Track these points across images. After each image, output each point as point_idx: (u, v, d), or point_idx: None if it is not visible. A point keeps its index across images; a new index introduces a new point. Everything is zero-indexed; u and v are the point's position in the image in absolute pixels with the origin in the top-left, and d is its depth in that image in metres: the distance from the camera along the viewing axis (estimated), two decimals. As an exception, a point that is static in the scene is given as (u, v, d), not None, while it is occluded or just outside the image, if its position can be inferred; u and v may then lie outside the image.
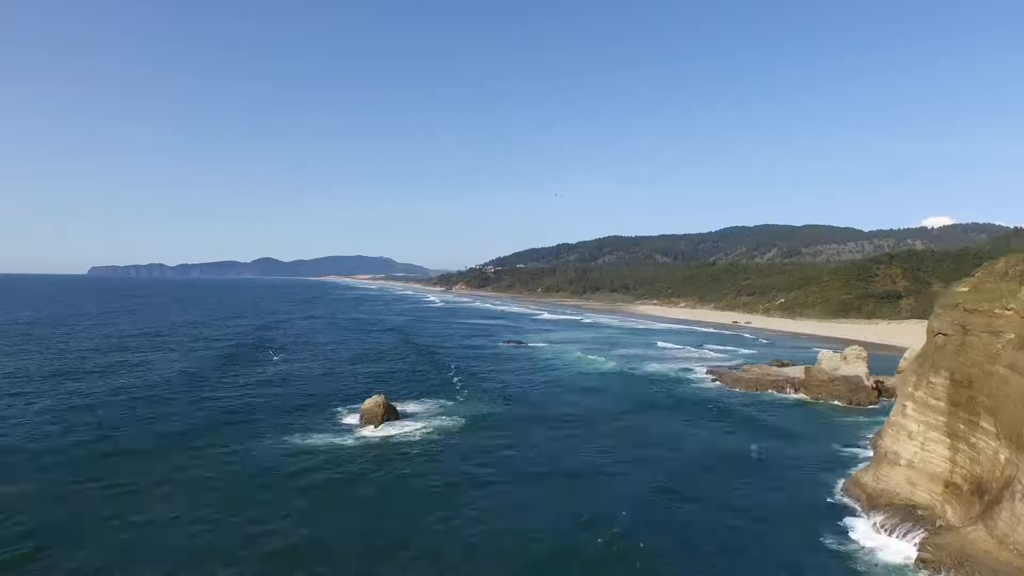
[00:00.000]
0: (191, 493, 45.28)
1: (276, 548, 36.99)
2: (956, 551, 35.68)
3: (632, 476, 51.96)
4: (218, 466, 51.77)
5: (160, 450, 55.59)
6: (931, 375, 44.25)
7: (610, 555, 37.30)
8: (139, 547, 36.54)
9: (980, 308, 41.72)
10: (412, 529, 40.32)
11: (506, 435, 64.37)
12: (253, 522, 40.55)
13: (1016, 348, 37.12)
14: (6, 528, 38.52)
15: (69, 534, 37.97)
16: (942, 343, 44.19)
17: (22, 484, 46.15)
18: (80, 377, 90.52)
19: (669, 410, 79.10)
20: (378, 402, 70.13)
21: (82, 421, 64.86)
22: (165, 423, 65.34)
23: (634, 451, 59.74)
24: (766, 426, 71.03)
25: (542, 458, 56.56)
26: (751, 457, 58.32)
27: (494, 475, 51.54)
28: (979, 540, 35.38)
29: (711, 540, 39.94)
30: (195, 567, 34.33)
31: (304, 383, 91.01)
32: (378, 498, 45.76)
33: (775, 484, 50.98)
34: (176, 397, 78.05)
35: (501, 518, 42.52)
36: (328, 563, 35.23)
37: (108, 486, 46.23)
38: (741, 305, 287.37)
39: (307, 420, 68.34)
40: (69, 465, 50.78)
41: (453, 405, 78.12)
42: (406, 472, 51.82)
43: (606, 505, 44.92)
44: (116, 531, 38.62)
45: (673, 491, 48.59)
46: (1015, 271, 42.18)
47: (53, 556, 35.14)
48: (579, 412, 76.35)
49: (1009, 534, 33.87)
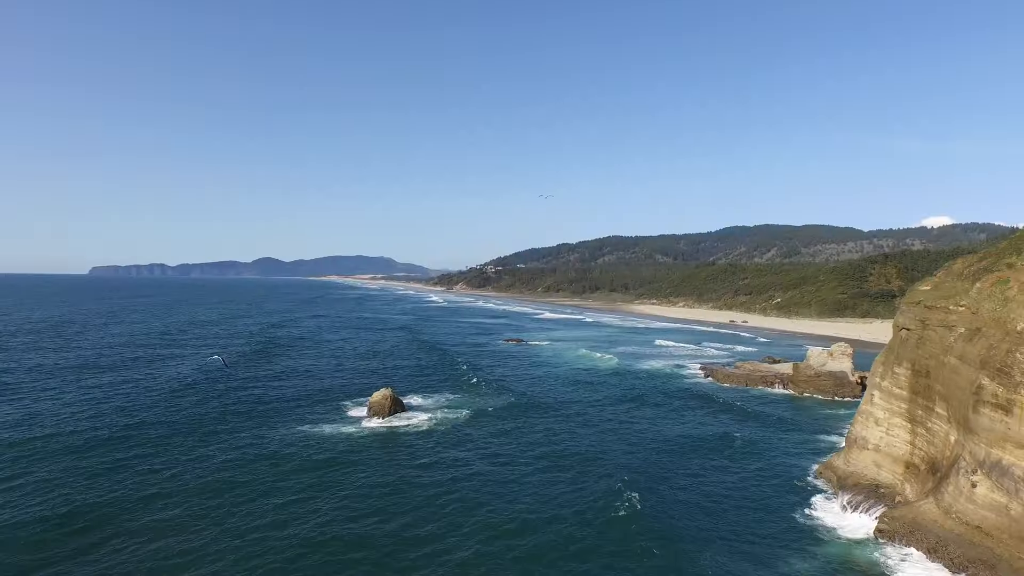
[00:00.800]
0: (211, 475, 49.26)
1: (284, 521, 41.07)
2: (909, 522, 39.80)
3: (622, 459, 55.95)
4: (235, 451, 55.81)
5: (178, 436, 59.65)
6: (895, 366, 48.31)
7: (600, 521, 41.36)
8: (163, 520, 40.63)
9: (938, 305, 45.77)
10: (413, 506, 44.36)
11: (506, 425, 68.41)
12: (264, 498, 44.60)
13: (965, 341, 41.15)
14: (50, 504, 42.62)
15: (104, 508, 42.07)
16: (905, 337, 48.25)
17: (60, 464, 50.24)
18: (100, 373, 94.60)
19: (660, 402, 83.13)
20: (385, 395, 74.18)
21: (108, 412, 68.93)
22: (183, 413, 69.40)
23: (625, 437, 63.83)
24: (751, 417, 75.07)
25: (539, 445, 60.58)
26: (734, 445, 62.35)
27: (494, 460, 55.56)
28: (929, 512, 39.48)
29: (689, 513, 43.96)
30: (212, 535, 38.40)
31: (315, 378, 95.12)
32: (383, 480, 49.79)
33: (754, 468, 55.05)
34: (194, 390, 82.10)
35: (498, 497, 46.54)
36: (329, 537, 39.24)
37: (137, 467, 50.30)
38: (738, 304, 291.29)
39: (319, 411, 72.44)
40: (99, 448, 54.83)
41: (457, 398, 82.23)
42: (410, 457, 55.86)
43: (597, 482, 48.96)
44: (145, 504, 42.71)
45: (658, 472, 52.62)
46: (969, 271, 46.25)
47: (91, 529, 39.20)
48: (576, 404, 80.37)
49: (953, 505, 37.95)
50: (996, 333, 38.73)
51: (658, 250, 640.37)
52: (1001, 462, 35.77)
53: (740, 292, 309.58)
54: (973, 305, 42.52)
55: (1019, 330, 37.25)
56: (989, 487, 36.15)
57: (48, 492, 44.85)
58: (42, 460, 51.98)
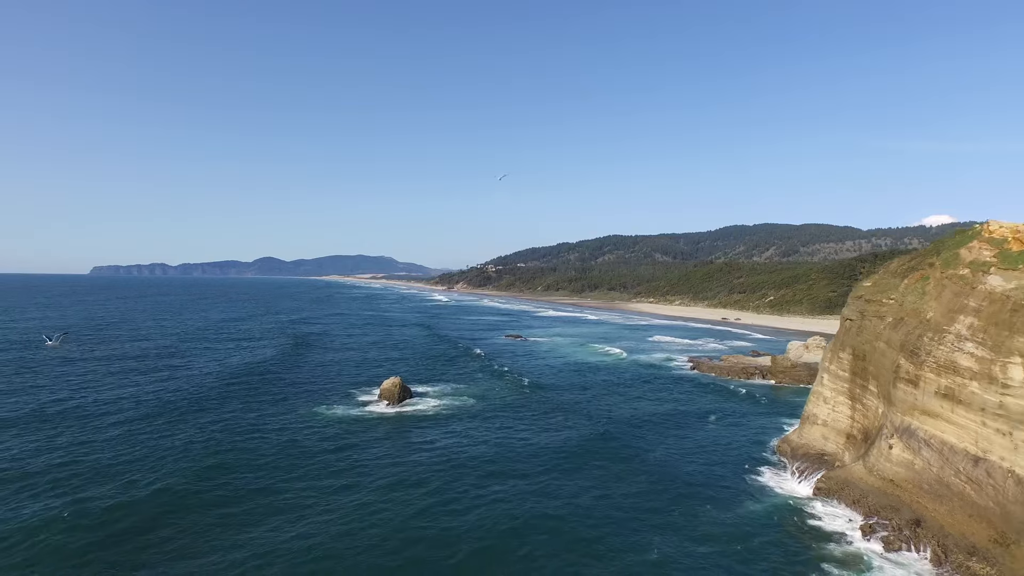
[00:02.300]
0: (240, 451, 56.66)
1: (300, 489, 48.50)
2: (840, 481, 47.27)
3: (608, 431, 63.34)
4: (261, 428, 63.28)
5: (200, 414, 67.19)
6: (840, 352, 55.69)
7: (587, 477, 48.79)
8: (201, 477, 48.12)
9: (874, 299, 53.17)
10: (415, 479, 51.74)
11: (505, 411, 75.73)
12: (281, 470, 51.95)
13: (891, 328, 48.55)
14: (114, 467, 50.13)
15: (158, 466, 49.53)
16: (848, 326, 55.63)
17: (114, 432, 57.71)
18: (147, 370, 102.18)
19: (646, 388, 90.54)
20: (395, 383, 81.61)
21: (154, 404, 76.50)
22: (216, 400, 76.92)
23: (610, 413, 71.17)
24: (728, 402, 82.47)
25: (535, 426, 67.98)
26: (707, 423, 69.81)
27: (491, 439, 62.95)
28: (857, 472, 46.93)
29: (657, 481, 51.35)
30: (236, 495, 45.88)
31: (333, 367, 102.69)
32: (388, 457, 57.21)
33: (723, 442, 62.49)
34: (229, 381, 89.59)
35: (497, 472, 53.95)
36: (333, 502, 46.69)
37: (183, 439, 57.81)
38: (733, 303, 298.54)
39: (335, 397, 79.92)
40: (160, 426, 62.40)
41: (461, 387, 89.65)
42: (415, 437, 63.19)
43: (581, 449, 56.38)
44: (192, 462, 50.20)
45: (635, 437, 60.02)
46: (901, 269, 53.61)
47: (146, 483, 46.69)
48: (569, 392, 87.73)
49: (875, 465, 45.39)
50: (913, 321, 46.17)
51: (658, 249, 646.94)
52: (910, 426, 43.23)
53: (735, 291, 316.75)
54: (899, 298, 49.93)
55: (928, 318, 44.70)
56: (901, 448, 43.59)
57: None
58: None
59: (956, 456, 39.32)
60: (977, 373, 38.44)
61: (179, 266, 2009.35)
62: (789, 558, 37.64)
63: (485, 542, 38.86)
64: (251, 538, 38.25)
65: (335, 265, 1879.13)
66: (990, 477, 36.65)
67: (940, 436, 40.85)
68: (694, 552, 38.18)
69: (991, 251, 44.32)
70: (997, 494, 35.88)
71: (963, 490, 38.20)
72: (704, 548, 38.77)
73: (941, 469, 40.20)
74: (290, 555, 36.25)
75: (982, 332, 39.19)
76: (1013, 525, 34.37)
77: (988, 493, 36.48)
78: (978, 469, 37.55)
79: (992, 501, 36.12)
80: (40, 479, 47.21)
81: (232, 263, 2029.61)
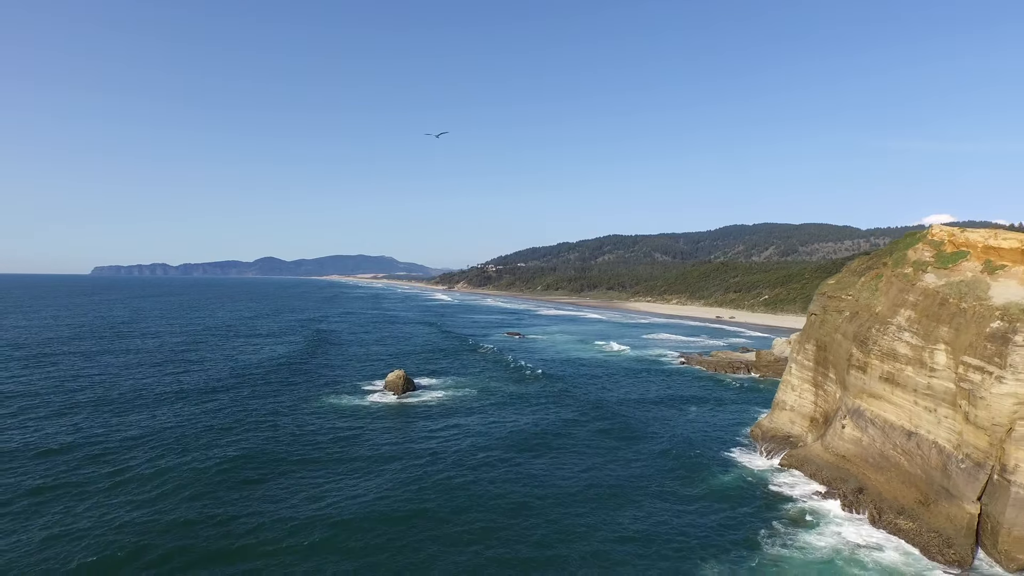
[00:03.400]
0: (259, 435, 62.39)
1: (309, 458, 54.17)
2: (801, 458, 52.89)
3: (596, 418, 68.95)
4: (275, 414, 69.01)
5: (222, 399, 72.96)
6: (806, 343, 61.25)
7: (574, 451, 54.40)
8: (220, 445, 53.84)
9: (835, 295, 58.74)
10: (412, 455, 57.35)
11: (500, 400, 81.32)
12: (287, 447, 57.64)
13: (847, 321, 54.12)
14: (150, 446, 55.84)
15: (191, 442, 55.23)
16: (813, 320, 61.19)
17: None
18: (183, 366, 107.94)
19: (636, 379, 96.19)
20: (399, 375, 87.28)
21: (210, 388, 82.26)
22: (267, 385, 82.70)
23: (602, 404, 76.75)
24: (711, 393, 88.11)
25: (528, 413, 73.57)
26: (689, 411, 75.43)
27: (488, 427, 68.56)
28: (815, 449, 52.55)
29: (639, 459, 56.96)
30: (256, 464, 51.56)
31: (344, 360, 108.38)
32: (389, 439, 62.82)
33: (702, 427, 68.12)
34: (268, 368, 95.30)
35: (488, 446, 59.59)
36: (337, 474, 52.30)
37: (207, 422, 63.51)
38: (728, 301, 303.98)
39: (344, 388, 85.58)
40: (195, 409, 68.18)
41: (462, 380, 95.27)
42: (417, 424, 68.78)
43: (568, 432, 62.01)
44: (214, 438, 55.84)
45: (622, 430, 65.62)
46: (860, 268, 59.17)
47: (175, 456, 52.38)
48: (562, 383, 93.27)
49: (831, 443, 50.99)
50: (865, 315, 51.77)
51: (658, 249, 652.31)
52: (859, 408, 48.84)
53: (730, 289, 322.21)
54: (856, 295, 55.51)
55: (877, 312, 50.30)
56: (852, 427, 49.20)
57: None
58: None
59: (894, 432, 44.94)
60: (911, 359, 44.04)
61: (180, 266, 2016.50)
62: (748, 517, 43.21)
63: (481, 500, 44.55)
64: (314, 483, 43.99)
65: (336, 265, 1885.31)
66: (919, 448, 42.25)
67: (882, 415, 46.45)
68: (665, 510, 43.82)
69: (931, 252, 49.92)
70: (923, 462, 41.48)
71: (898, 461, 43.81)
72: (674, 508, 44.42)
73: (883, 444, 45.81)
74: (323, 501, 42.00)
75: (917, 323, 44.80)
76: (933, 488, 39.96)
77: (917, 462, 42.09)
78: (910, 442, 43.17)
79: (919, 469, 41.72)
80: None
81: (233, 263, 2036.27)
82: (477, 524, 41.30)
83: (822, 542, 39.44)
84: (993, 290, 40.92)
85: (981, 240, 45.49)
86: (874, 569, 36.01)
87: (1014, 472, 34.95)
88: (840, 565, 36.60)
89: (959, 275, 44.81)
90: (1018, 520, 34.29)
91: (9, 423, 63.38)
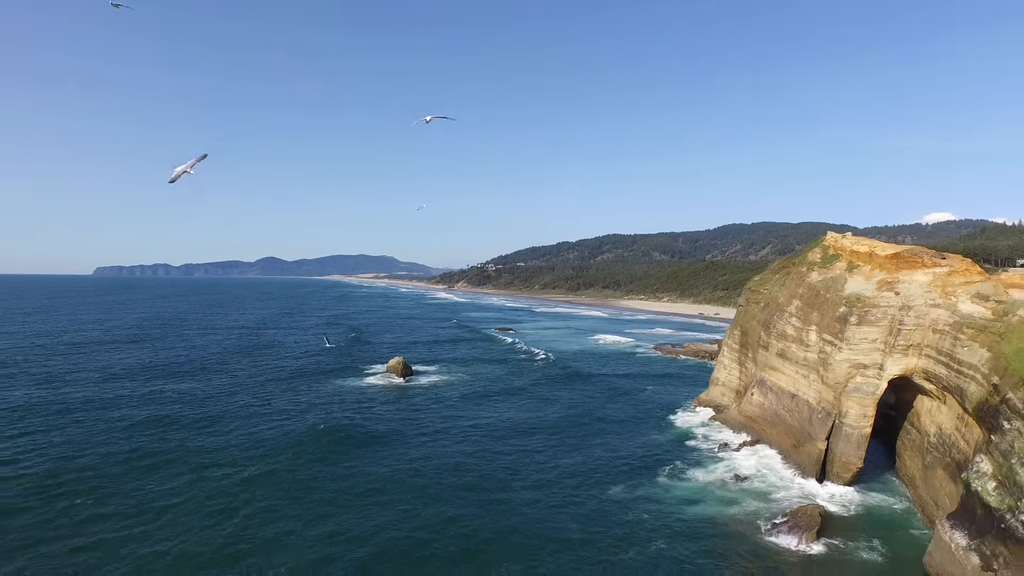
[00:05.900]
0: (282, 406, 75.48)
1: (317, 428, 67.24)
2: (722, 419, 65.93)
3: (570, 391, 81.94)
4: (293, 391, 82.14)
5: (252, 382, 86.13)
6: (734, 330, 74.23)
7: (558, 428, 67.39)
8: (247, 423, 66.87)
9: (756, 289, 71.71)
10: (408, 434, 70.31)
11: (491, 386, 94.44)
12: (295, 418, 70.65)
13: (761, 310, 67.07)
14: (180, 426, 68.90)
15: (226, 424, 68.23)
16: (740, 311, 74.16)
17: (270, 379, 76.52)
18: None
19: (609, 364, 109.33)
20: (399, 361, 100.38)
21: (238, 377, 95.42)
22: (268, 376, 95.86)
23: (577, 380, 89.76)
24: (671, 375, 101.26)
25: (521, 398, 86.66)
26: (647, 388, 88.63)
27: (476, 405, 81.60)
28: (733, 412, 65.60)
29: (597, 420, 69.95)
30: (277, 435, 64.61)
31: (353, 349, 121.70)
32: (387, 414, 75.85)
33: (654, 399, 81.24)
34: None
35: (477, 426, 72.61)
36: (345, 445, 65.35)
37: (243, 400, 76.65)
38: (716, 299, 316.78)
39: (350, 371, 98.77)
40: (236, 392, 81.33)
41: (456, 367, 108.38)
42: (415, 402, 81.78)
43: (545, 401, 75.02)
44: (245, 417, 68.90)
45: (590, 400, 78.64)
46: (777, 268, 72.14)
47: (204, 441, 65.39)
48: (547, 368, 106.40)
49: (744, 407, 64.02)
50: (772, 305, 64.75)
51: (656, 248, 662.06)
52: (764, 379, 61.86)
53: (718, 287, 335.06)
54: (770, 289, 68.49)
55: (779, 302, 63.27)
56: (758, 394, 62.21)
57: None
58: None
59: (784, 395, 57.95)
60: (795, 338, 57.04)
61: (182, 266, 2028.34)
62: (666, 456, 56.20)
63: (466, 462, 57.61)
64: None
65: (337, 265, 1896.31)
66: (797, 406, 55.26)
67: (777, 383, 59.46)
68: (605, 454, 56.84)
69: (820, 255, 62.91)
70: (799, 416, 54.50)
71: (784, 417, 56.84)
72: (611, 452, 57.51)
73: (776, 405, 58.83)
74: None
75: (801, 310, 57.80)
76: (803, 434, 52.97)
77: (795, 416, 55.12)
78: (793, 402, 56.18)
79: (796, 421, 54.75)
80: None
81: (234, 263, 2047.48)
82: (455, 459, 54.46)
83: (719, 470, 52.52)
84: (848, 284, 53.88)
85: (849, 246, 58.53)
86: (753, 485, 49.05)
87: (845, 416, 47.97)
88: (727, 481, 49.69)
89: (832, 273, 57.80)
90: (845, 450, 47.34)
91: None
